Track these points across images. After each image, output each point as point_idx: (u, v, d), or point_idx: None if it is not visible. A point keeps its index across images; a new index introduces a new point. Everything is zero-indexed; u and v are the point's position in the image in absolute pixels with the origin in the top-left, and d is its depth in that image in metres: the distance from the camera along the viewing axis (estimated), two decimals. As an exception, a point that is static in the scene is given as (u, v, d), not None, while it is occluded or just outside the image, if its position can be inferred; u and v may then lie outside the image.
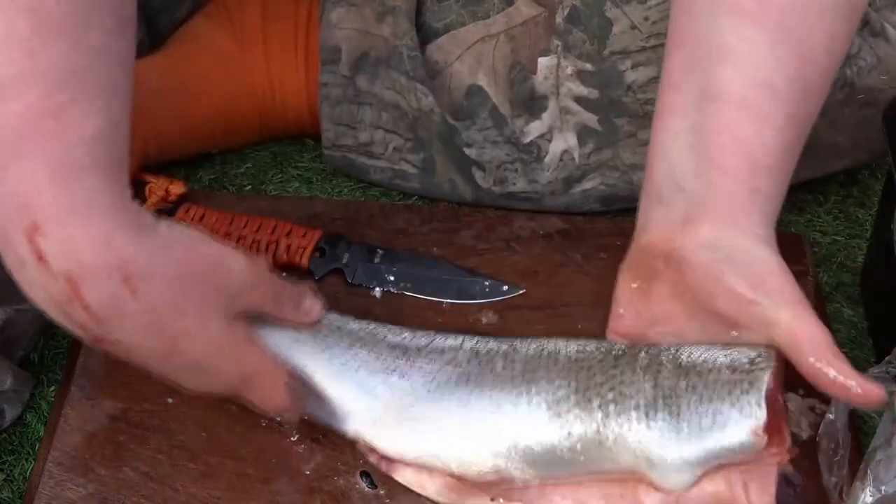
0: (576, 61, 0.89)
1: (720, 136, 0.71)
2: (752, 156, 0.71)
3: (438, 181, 0.96)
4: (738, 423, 0.68)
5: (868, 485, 0.71)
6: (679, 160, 0.73)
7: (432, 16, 0.93)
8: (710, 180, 0.71)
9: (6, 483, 0.79)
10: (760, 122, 0.71)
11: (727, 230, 0.70)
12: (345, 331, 0.78)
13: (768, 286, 0.68)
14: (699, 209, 0.71)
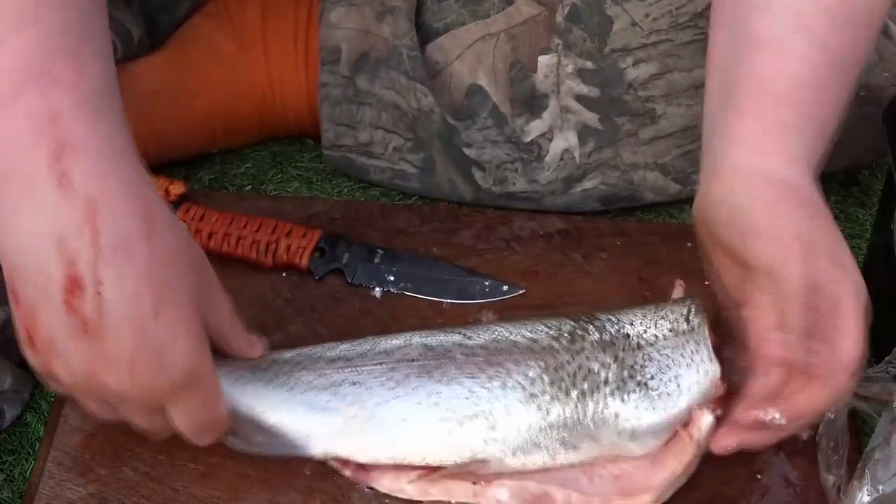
0: (576, 59, 0.89)
1: (742, 80, 0.72)
2: (773, 89, 0.71)
3: (438, 181, 0.96)
4: (699, 383, 0.75)
5: (866, 484, 0.71)
6: (709, 116, 0.74)
7: (432, 15, 0.93)
8: (725, 124, 0.72)
9: (6, 483, 0.80)
10: (788, 58, 0.71)
11: (737, 178, 0.71)
12: (282, 360, 0.77)
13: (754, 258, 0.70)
14: (716, 160, 0.72)
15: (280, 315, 0.86)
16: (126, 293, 0.61)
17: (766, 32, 0.72)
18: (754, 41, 0.72)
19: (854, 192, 1.02)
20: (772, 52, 0.71)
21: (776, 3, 0.72)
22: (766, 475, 0.79)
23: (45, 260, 0.60)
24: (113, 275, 0.60)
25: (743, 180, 0.71)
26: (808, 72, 0.71)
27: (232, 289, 0.86)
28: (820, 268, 0.68)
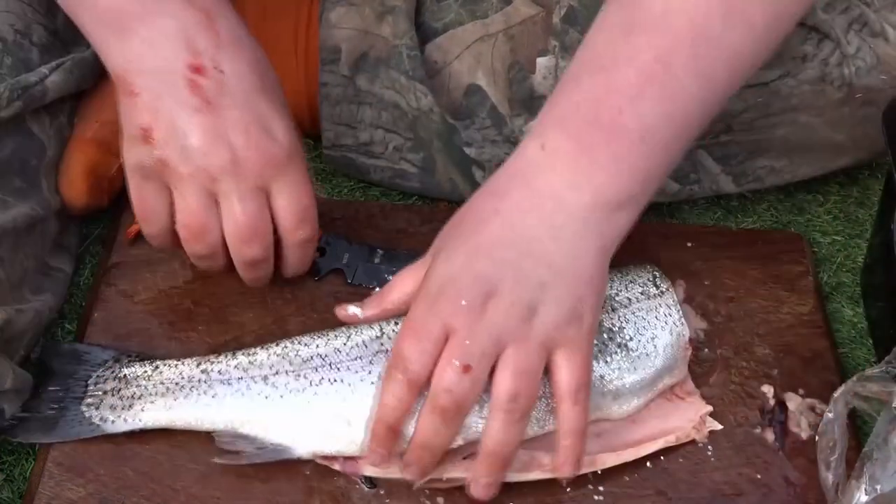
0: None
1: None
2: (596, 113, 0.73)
3: (438, 180, 0.96)
4: (672, 344, 0.80)
5: (864, 483, 0.71)
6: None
7: (431, 15, 0.93)
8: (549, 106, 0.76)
9: (6, 483, 0.79)
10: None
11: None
12: (255, 365, 0.78)
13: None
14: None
15: (280, 315, 0.86)
16: (239, 73, 0.76)
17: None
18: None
19: (854, 192, 1.02)
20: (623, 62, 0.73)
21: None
22: (766, 475, 0.79)
23: (174, 55, 0.74)
24: (229, 60, 0.76)
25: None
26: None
27: (232, 289, 0.87)
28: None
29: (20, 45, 0.85)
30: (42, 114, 0.86)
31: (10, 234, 0.81)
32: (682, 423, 0.80)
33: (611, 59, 0.74)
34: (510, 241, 0.72)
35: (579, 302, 0.71)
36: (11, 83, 0.82)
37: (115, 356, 0.81)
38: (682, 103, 0.73)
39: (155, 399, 0.78)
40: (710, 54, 0.73)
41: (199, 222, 0.76)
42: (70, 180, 0.88)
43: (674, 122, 0.73)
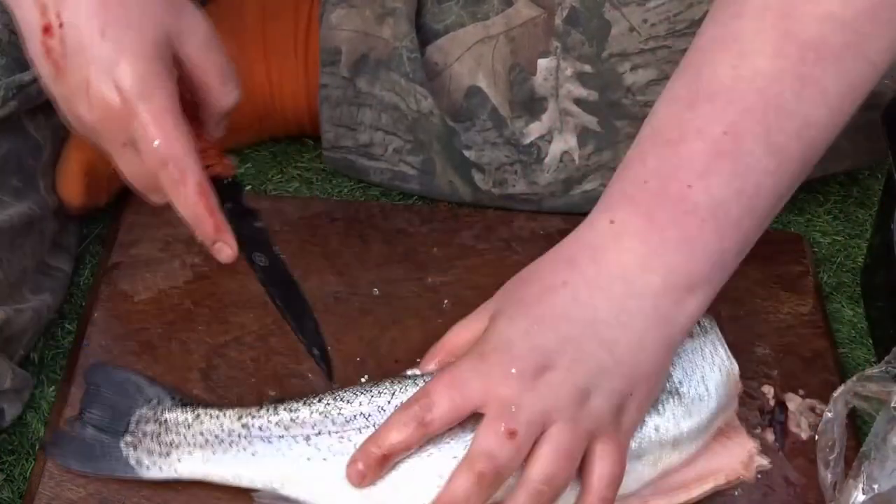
0: (575, 63, 0.89)
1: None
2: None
3: (438, 183, 0.96)
4: (724, 383, 0.76)
5: (861, 482, 0.71)
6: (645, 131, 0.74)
7: (432, 17, 0.93)
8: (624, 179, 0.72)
9: (6, 483, 0.79)
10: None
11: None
12: (297, 423, 0.74)
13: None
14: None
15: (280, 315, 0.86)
16: (80, 20, 0.67)
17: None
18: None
19: (854, 192, 1.02)
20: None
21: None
22: (766, 475, 0.79)
23: (30, 16, 0.68)
24: (68, 8, 0.67)
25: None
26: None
27: (232, 289, 0.87)
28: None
29: (14, 45, 0.85)
30: (38, 113, 0.86)
31: (6, 233, 0.81)
32: (730, 462, 0.77)
33: (678, 132, 0.70)
34: (575, 319, 0.69)
35: (628, 398, 0.69)
36: (6, 82, 0.82)
37: (159, 396, 0.78)
38: (754, 178, 0.69)
39: (193, 450, 0.75)
40: (783, 126, 0.70)
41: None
42: (67, 180, 0.88)
43: (745, 197, 0.69)
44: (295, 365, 0.83)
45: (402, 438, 0.69)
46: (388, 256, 0.91)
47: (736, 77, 0.70)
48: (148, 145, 0.69)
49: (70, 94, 0.69)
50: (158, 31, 0.69)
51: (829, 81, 0.70)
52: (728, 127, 0.69)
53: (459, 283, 0.89)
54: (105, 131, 0.69)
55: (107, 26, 0.67)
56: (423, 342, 0.83)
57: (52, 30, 0.67)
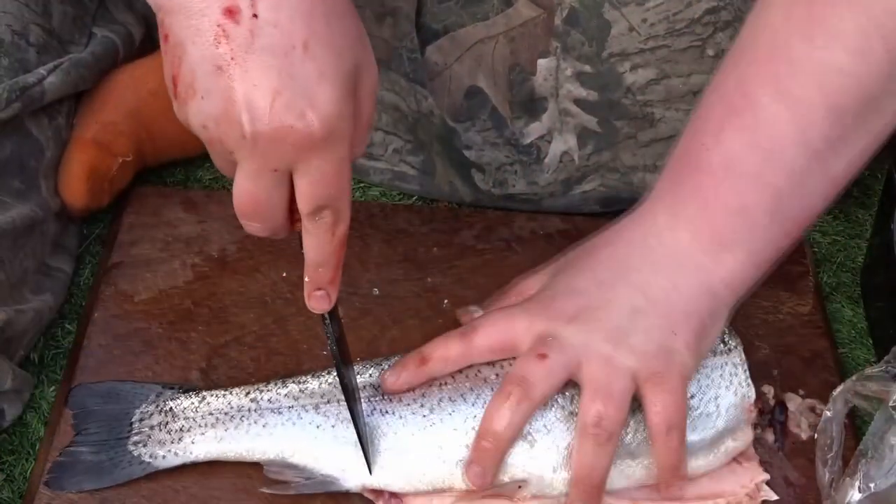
0: (575, 63, 0.89)
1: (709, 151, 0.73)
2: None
3: (438, 183, 0.96)
4: (736, 406, 0.76)
5: (858, 481, 0.71)
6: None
7: (432, 17, 0.93)
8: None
9: (6, 483, 0.79)
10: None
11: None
12: (306, 393, 0.76)
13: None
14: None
15: (280, 315, 0.86)
16: (279, 22, 0.60)
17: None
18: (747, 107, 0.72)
19: (854, 192, 1.02)
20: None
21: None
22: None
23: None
24: (270, 4, 0.60)
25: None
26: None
27: (232, 289, 0.87)
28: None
29: (17, 46, 0.85)
30: (40, 115, 0.86)
31: (9, 234, 0.81)
32: (734, 488, 0.77)
33: (706, 99, 0.74)
34: (612, 268, 0.74)
35: (671, 336, 0.71)
36: (10, 84, 0.82)
37: (157, 390, 0.78)
38: (768, 128, 0.71)
39: (205, 430, 0.76)
40: (794, 75, 0.70)
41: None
42: (70, 181, 0.88)
43: (759, 150, 0.71)
44: (295, 365, 0.83)
45: (444, 350, 0.73)
46: (388, 256, 0.91)
47: (753, 35, 0.72)
48: (312, 184, 0.63)
49: (238, 92, 0.60)
50: (351, 61, 0.63)
51: (844, 21, 0.68)
52: (738, 82, 0.72)
53: (459, 283, 0.89)
54: (258, 146, 0.61)
55: (310, 40, 0.61)
56: (423, 342, 0.83)
57: (238, 16, 0.60)
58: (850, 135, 0.71)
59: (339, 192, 0.64)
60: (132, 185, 0.94)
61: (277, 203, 0.64)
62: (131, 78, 0.93)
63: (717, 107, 0.73)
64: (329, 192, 0.64)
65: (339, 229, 0.66)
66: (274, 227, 0.66)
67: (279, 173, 0.63)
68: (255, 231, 0.66)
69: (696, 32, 0.87)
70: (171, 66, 0.62)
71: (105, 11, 0.94)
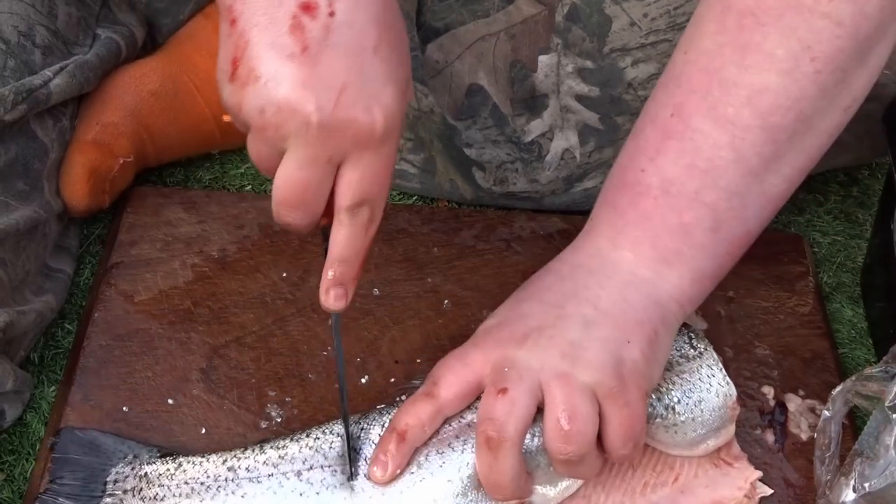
0: (576, 59, 0.89)
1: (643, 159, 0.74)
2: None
3: (439, 181, 0.96)
4: (720, 407, 0.76)
5: (853, 480, 0.71)
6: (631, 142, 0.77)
7: (432, 15, 0.93)
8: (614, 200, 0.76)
9: (6, 483, 0.79)
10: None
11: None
12: (286, 459, 0.73)
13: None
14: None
15: (280, 315, 0.86)
16: (354, 22, 0.63)
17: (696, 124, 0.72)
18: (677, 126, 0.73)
19: (854, 192, 1.02)
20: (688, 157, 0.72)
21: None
22: (766, 476, 0.79)
23: None
24: (347, 5, 0.63)
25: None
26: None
27: (232, 289, 0.87)
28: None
29: (23, 47, 0.85)
30: (45, 117, 0.86)
31: (11, 236, 0.81)
32: (731, 492, 0.77)
33: (640, 123, 0.76)
34: (558, 288, 0.73)
35: (625, 345, 0.70)
36: (16, 86, 0.82)
37: (135, 451, 0.76)
38: (706, 152, 0.72)
39: (179, 500, 0.72)
40: (728, 98, 0.71)
41: (267, 170, 0.68)
42: (71, 182, 0.88)
43: (698, 171, 0.72)
44: (295, 365, 0.83)
45: (416, 416, 0.71)
46: (388, 256, 0.91)
47: (684, 61, 0.73)
48: (362, 177, 0.65)
49: (305, 82, 0.62)
50: (408, 70, 0.67)
51: (772, 43, 0.70)
52: (675, 109, 0.73)
53: (459, 283, 0.89)
54: (320, 135, 0.63)
55: (381, 44, 0.64)
56: (423, 342, 0.84)
57: (315, 11, 0.62)
58: (786, 153, 0.72)
59: (381, 190, 0.67)
60: (132, 185, 0.94)
61: (324, 194, 0.66)
62: (132, 78, 0.93)
63: (652, 132, 0.74)
64: (373, 189, 0.66)
65: (372, 228, 0.68)
66: (313, 218, 0.67)
67: (332, 164, 0.65)
68: (291, 221, 0.67)
69: (698, 26, 0.87)
70: (234, 50, 0.63)
71: (108, 12, 0.94)
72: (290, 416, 0.80)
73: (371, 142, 0.64)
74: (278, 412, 0.80)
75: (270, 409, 0.81)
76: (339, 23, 0.63)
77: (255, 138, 0.65)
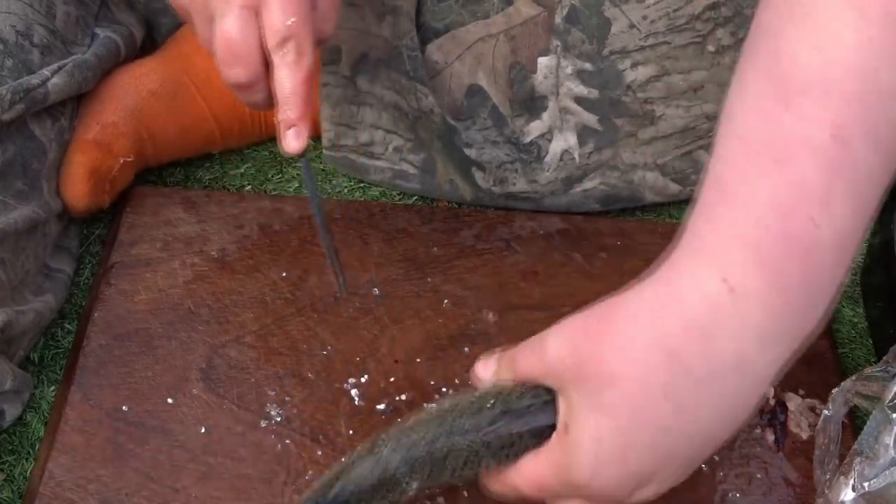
0: (575, 61, 0.89)
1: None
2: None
3: (439, 181, 0.96)
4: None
5: (852, 480, 0.71)
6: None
7: (432, 16, 0.93)
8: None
9: (6, 483, 0.79)
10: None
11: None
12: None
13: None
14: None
15: (280, 315, 0.86)
16: None
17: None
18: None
19: (854, 192, 1.02)
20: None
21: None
22: (766, 475, 0.79)
23: None
24: None
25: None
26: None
27: (232, 289, 0.87)
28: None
29: (21, 47, 0.85)
30: (44, 116, 0.86)
31: (10, 236, 0.81)
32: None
33: (783, 144, 0.55)
34: (676, 432, 0.57)
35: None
36: (13, 86, 0.82)
37: None
38: (868, 188, 0.56)
39: None
40: (886, 112, 0.55)
41: (211, 47, 0.74)
42: (71, 182, 0.88)
43: (861, 216, 0.56)
44: (295, 365, 0.83)
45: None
46: (388, 256, 0.91)
47: (825, 61, 0.55)
48: (274, 14, 0.70)
49: None
50: None
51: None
52: (834, 129, 0.55)
53: (459, 283, 0.89)
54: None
55: None
56: (423, 342, 0.84)
57: None
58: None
59: (300, 23, 0.71)
60: (132, 185, 0.94)
61: (251, 42, 0.71)
62: (131, 78, 0.93)
63: (814, 164, 0.55)
64: (290, 23, 0.70)
65: (304, 61, 0.72)
66: (252, 72, 0.72)
67: (247, 10, 0.70)
68: (237, 78, 0.73)
69: (697, 29, 0.87)
70: None
71: (107, 12, 0.94)
72: (290, 415, 0.80)
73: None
74: (278, 411, 0.80)
75: (270, 409, 0.81)
76: None
77: (194, 20, 0.72)
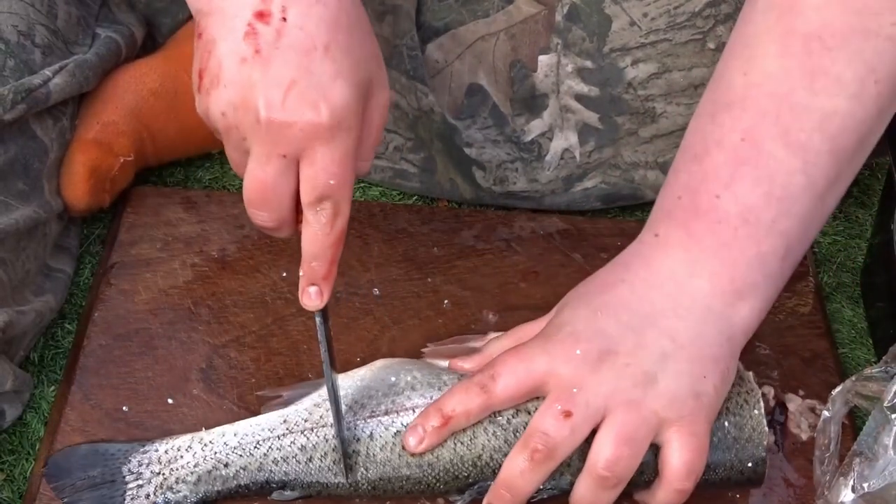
0: (576, 59, 0.89)
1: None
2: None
3: (439, 180, 0.96)
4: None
5: (851, 480, 0.71)
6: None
7: (432, 15, 0.93)
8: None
9: (6, 483, 0.79)
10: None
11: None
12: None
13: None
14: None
15: (280, 315, 0.86)
16: (305, 25, 0.66)
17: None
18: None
19: (854, 192, 1.02)
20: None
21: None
22: (765, 475, 0.79)
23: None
24: (299, 10, 0.66)
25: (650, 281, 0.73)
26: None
27: (232, 289, 0.87)
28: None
29: (23, 47, 0.85)
30: (45, 116, 0.86)
31: (11, 236, 0.81)
32: None
33: (702, 145, 0.74)
34: (635, 309, 0.72)
35: (701, 380, 0.70)
36: (15, 86, 0.82)
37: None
38: (780, 179, 0.71)
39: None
40: (800, 123, 0.71)
41: (240, 174, 0.71)
42: (71, 182, 0.88)
43: (774, 199, 0.71)
44: (295, 365, 0.83)
45: (464, 405, 0.71)
46: (388, 256, 0.91)
47: (747, 84, 0.72)
48: (316, 172, 0.67)
49: (257, 81, 0.66)
50: (366, 73, 0.69)
51: (840, 67, 0.70)
52: (745, 134, 0.71)
53: (459, 283, 0.89)
54: (270, 131, 0.66)
55: (332, 45, 0.67)
56: (423, 342, 0.84)
57: (269, 18, 0.66)
58: (845, 173, 0.73)
59: (340, 184, 0.68)
60: (132, 185, 0.94)
61: (284, 191, 0.68)
62: (132, 78, 0.93)
63: (721, 156, 0.72)
64: (331, 183, 0.68)
65: (338, 223, 0.69)
66: (280, 217, 0.69)
67: (287, 160, 0.67)
68: (263, 221, 0.70)
69: (697, 26, 0.87)
70: (200, 61, 0.68)
71: (108, 12, 0.94)
72: (291, 415, 0.80)
73: (319, 134, 0.66)
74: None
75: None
76: (290, 26, 0.66)
77: (226, 143, 0.69)
